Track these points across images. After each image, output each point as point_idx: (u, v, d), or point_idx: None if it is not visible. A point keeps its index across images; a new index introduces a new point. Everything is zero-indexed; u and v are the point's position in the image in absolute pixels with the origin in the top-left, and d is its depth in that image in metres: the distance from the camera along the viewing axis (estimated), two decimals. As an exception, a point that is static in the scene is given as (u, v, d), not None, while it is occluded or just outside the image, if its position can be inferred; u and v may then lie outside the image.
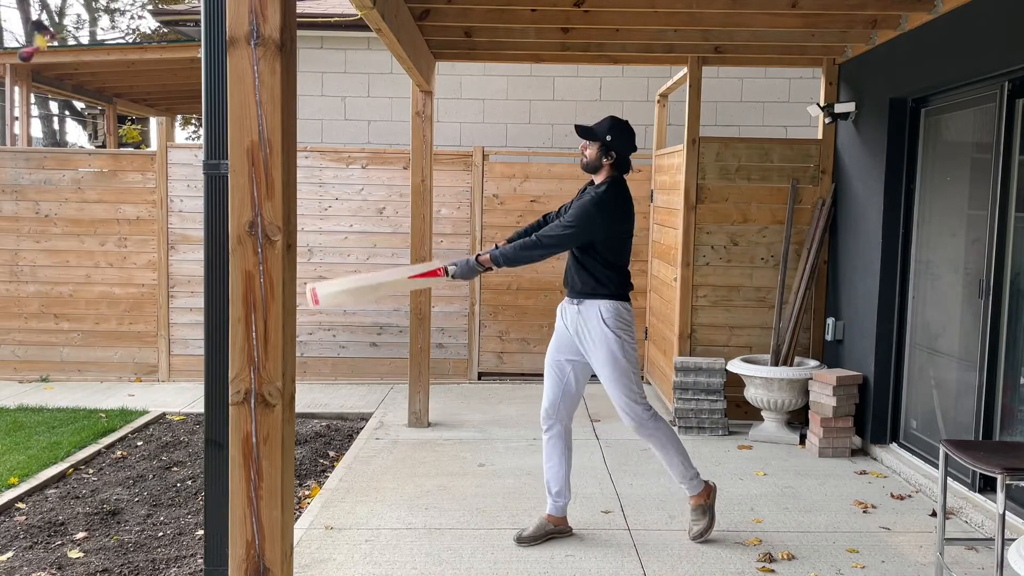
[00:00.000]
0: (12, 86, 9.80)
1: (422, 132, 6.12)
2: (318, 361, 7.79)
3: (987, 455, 3.30)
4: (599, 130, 3.93)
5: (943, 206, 5.12)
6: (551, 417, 4.07)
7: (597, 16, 5.34)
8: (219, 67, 2.91)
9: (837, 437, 5.53)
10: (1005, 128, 4.42)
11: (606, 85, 8.94)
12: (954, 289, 4.94)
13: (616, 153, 3.93)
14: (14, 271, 7.67)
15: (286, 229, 2.26)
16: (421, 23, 5.34)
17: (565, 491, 4.10)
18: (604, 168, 3.95)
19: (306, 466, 5.46)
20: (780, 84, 8.85)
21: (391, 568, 3.78)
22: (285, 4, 2.21)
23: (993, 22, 4.33)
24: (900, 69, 5.31)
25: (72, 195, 7.63)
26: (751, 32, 5.67)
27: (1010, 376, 4.44)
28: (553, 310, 7.73)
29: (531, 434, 6.01)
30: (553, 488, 4.09)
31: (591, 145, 3.95)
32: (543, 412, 4.09)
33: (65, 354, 7.75)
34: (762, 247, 6.27)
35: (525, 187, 7.73)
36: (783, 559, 3.90)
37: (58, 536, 4.32)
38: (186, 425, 6.41)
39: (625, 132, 3.94)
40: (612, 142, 3.90)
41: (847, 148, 6.05)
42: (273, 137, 2.22)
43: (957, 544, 4.05)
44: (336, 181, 7.68)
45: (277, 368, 2.28)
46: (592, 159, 3.94)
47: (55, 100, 18.40)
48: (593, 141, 3.94)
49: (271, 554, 2.31)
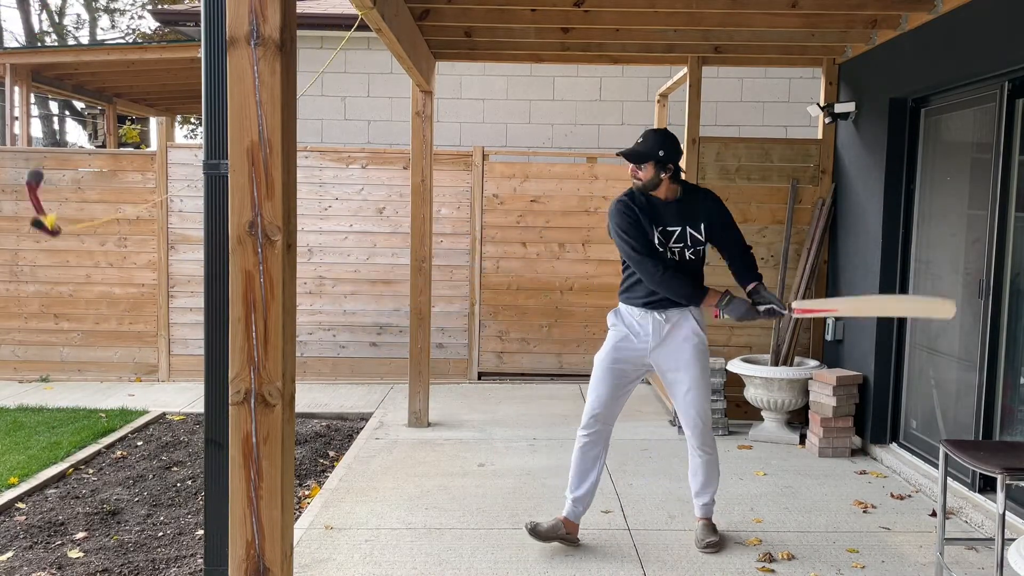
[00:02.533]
0: (12, 86, 9.81)
1: (422, 132, 6.11)
2: (318, 361, 7.79)
3: (987, 455, 3.30)
4: (648, 149, 3.82)
5: (943, 206, 5.12)
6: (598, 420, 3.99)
7: (597, 16, 5.34)
8: (219, 67, 2.91)
9: (837, 437, 5.53)
10: (1005, 128, 4.42)
11: (606, 85, 8.94)
12: (954, 289, 4.93)
13: (673, 165, 3.85)
14: (14, 271, 7.67)
15: (286, 229, 2.26)
16: (421, 23, 5.34)
17: (587, 497, 4.02)
18: (664, 182, 3.86)
19: (306, 466, 5.46)
20: (780, 84, 8.86)
21: (391, 568, 3.78)
22: (285, 4, 2.21)
23: (993, 22, 4.33)
24: (900, 69, 5.31)
25: (72, 195, 7.63)
26: (751, 32, 5.67)
27: (1010, 376, 4.44)
28: (552, 310, 7.77)
29: (531, 434, 6.01)
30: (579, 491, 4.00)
31: (645, 166, 3.84)
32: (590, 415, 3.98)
33: (65, 354, 7.75)
34: (762, 247, 6.27)
35: (525, 187, 7.73)
36: (783, 559, 3.90)
37: (58, 536, 4.32)
38: (186, 425, 6.41)
39: (674, 142, 3.87)
40: (666, 156, 3.81)
41: (847, 148, 6.05)
42: (273, 137, 2.22)
43: (957, 544, 4.05)
44: (336, 181, 7.68)
45: (277, 368, 2.28)
46: (650, 178, 3.83)
47: (55, 100, 18.40)
48: (646, 162, 3.84)
49: (271, 554, 2.31)
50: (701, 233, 3.92)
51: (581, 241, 7.76)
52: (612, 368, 3.97)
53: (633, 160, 3.86)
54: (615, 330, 4.03)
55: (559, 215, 7.73)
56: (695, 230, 3.90)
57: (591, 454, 4.00)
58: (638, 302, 3.94)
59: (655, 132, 3.89)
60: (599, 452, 4.02)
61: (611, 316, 4.08)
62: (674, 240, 3.88)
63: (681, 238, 3.88)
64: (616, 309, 4.08)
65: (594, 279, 7.79)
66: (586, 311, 7.80)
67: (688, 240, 3.89)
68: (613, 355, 3.99)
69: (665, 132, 3.90)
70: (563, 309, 7.80)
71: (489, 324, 7.81)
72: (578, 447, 4.02)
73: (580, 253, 7.78)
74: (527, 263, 7.78)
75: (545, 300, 7.81)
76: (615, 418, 4.05)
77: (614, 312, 4.08)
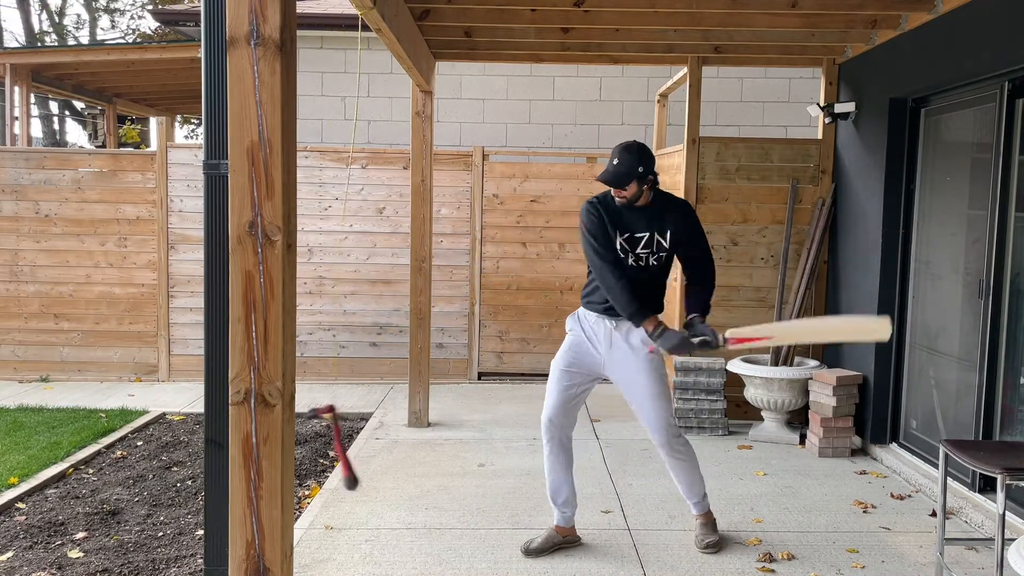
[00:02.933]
0: (12, 86, 9.81)
1: (422, 132, 6.11)
2: (318, 361, 7.79)
3: (987, 455, 3.30)
4: (628, 169, 3.76)
5: (943, 206, 5.12)
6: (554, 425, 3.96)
7: (597, 16, 5.34)
8: (219, 67, 2.91)
9: (837, 437, 5.53)
10: (1005, 128, 4.42)
11: (606, 85, 8.94)
12: (954, 289, 4.94)
13: (653, 175, 3.83)
14: (14, 271, 7.67)
15: (286, 229, 2.26)
16: (421, 23, 5.34)
17: (572, 499, 4.02)
18: (645, 192, 3.83)
19: (306, 466, 5.46)
20: (780, 84, 8.86)
21: (391, 568, 3.78)
22: (285, 4, 2.21)
23: (993, 22, 4.33)
24: (900, 69, 5.31)
25: (72, 195, 7.63)
26: (751, 32, 5.67)
27: (1010, 376, 4.44)
28: (552, 310, 7.77)
29: (531, 434, 6.01)
30: (559, 498, 4.00)
31: (628, 186, 3.79)
32: (545, 421, 3.96)
33: (65, 354, 7.75)
34: (762, 247, 6.27)
35: (525, 187, 7.73)
36: (783, 559, 3.90)
37: (58, 536, 4.32)
38: (186, 425, 6.41)
39: (648, 153, 3.83)
40: (645, 170, 3.78)
41: (847, 148, 6.05)
42: (273, 137, 2.22)
43: (957, 544, 4.05)
44: (336, 181, 7.68)
45: (277, 368, 2.28)
46: (634, 193, 3.80)
47: (55, 100, 18.40)
48: (629, 183, 3.78)
49: (271, 554, 2.31)
50: (667, 240, 3.86)
51: (581, 241, 7.75)
52: (565, 372, 3.93)
53: (617, 185, 3.79)
54: (572, 334, 4.00)
55: (559, 215, 7.73)
56: (662, 237, 3.85)
57: (559, 460, 3.97)
58: (597, 307, 3.91)
59: (627, 149, 3.80)
60: (566, 457, 3.98)
61: (570, 320, 4.05)
62: (641, 246, 3.84)
63: (648, 244, 3.84)
64: (575, 313, 4.05)
65: (594, 279, 7.78)
66: (586, 311, 7.79)
67: (654, 247, 3.85)
68: (567, 358, 3.95)
69: (638, 146, 3.82)
70: (563, 309, 7.80)
71: (489, 324, 7.81)
72: (545, 455, 4.00)
73: (580, 253, 7.75)
74: (527, 263, 7.78)
75: (545, 300, 7.81)
76: (573, 423, 4.00)
77: (573, 316, 4.04)
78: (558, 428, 3.95)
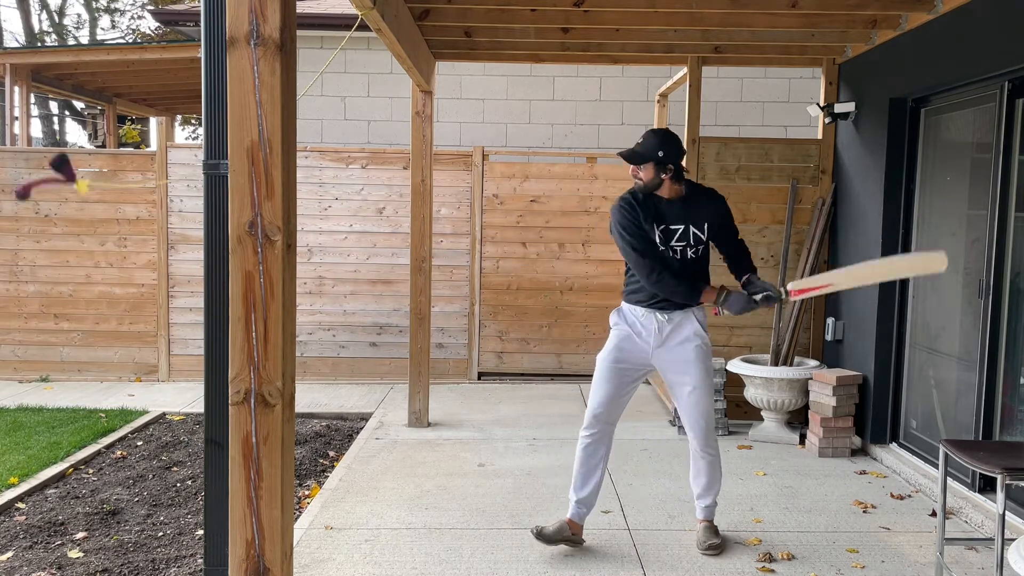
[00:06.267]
0: (12, 86, 9.81)
1: (422, 132, 6.11)
2: (318, 361, 7.79)
3: (987, 455, 3.30)
4: (647, 150, 3.79)
5: (943, 206, 5.12)
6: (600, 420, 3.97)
7: (597, 16, 5.34)
8: (219, 67, 2.91)
9: (837, 437, 5.53)
10: (1005, 128, 4.42)
11: (606, 85, 8.94)
12: (954, 289, 4.94)
13: (673, 165, 3.82)
14: (14, 271, 7.67)
15: (286, 229, 2.26)
16: (421, 23, 5.34)
17: (591, 498, 4.00)
18: (665, 182, 3.84)
19: (306, 466, 5.46)
20: (780, 84, 8.86)
21: (391, 568, 3.78)
22: (285, 4, 2.21)
23: (993, 22, 4.33)
24: (900, 69, 5.31)
25: (72, 195, 7.63)
26: (751, 32, 5.67)
27: (1010, 376, 4.44)
28: (552, 310, 7.77)
29: (531, 434, 6.01)
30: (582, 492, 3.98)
31: (644, 167, 3.82)
32: (592, 415, 3.96)
33: (65, 354, 7.75)
34: (762, 247, 6.27)
35: (525, 187, 7.73)
36: (783, 559, 3.90)
37: (58, 536, 4.32)
38: (186, 425, 6.41)
39: (675, 142, 3.84)
40: (665, 157, 3.78)
41: (847, 148, 6.05)
42: (273, 137, 2.22)
43: (957, 544, 4.05)
44: (336, 181, 7.68)
45: (277, 368, 2.28)
46: (650, 178, 3.81)
47: (55, 100, 18.41)
48: (645, 163, 3.81)
49: (271, 554, 2.31)
50: (704, 232, 3.91)
51: (581, 241, 7.76)
52: (614, 368, 3.96)
53: (632, 161, 3.84)
54: (617, 329, 4.01)
55: (559, 215, 7.74)
56: (698, 229, 3.89)
57: (594, 455, 3.98)
58: (642, 302, 3.94)
59: (655, 133, 3.87)
60: (602, 453, 4.00)
61: (614, 315, 4.06)
62: (676, 239, 3.87)
63: (683, 237, 3.87)
64: (619, 308, 4.06)
65: (594, 279, 7.79)
66: (586, 311, 7.80)
67: (691, 239, 3.88)
68: (615, 355, 3.97)
69: (666, 132, 3.87)
70: (563, 309, 7.81)
71: (489, 324, 7.81)
72: (581, 448, 4.00)
73: (580, 253, 7.78)
74: (527, 263, 7.78)
75: (545, 300, 7.81)
76: (618, 418, 4.03)
77: (617, 311, 4.06)
78: (605, 422, 3.97)
